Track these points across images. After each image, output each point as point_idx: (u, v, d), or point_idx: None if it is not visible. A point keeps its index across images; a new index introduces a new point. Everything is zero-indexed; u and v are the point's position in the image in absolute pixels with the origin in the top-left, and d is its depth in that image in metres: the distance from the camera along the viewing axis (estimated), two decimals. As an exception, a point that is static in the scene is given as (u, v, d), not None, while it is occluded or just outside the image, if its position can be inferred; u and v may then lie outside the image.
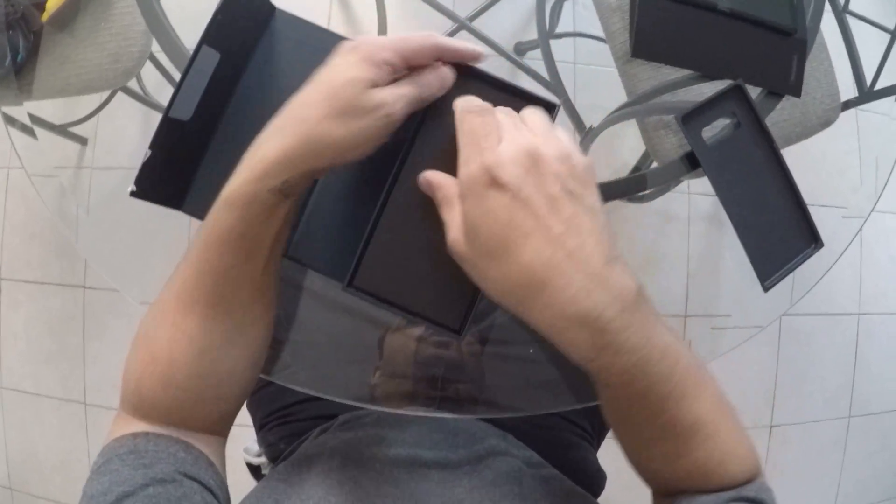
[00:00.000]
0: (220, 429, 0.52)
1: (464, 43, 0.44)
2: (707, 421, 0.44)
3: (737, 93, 0.63)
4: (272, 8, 0.55)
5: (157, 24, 0.82)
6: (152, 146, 0.50)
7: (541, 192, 0.38)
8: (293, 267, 0.55)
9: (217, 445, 0.52)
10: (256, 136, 0.44)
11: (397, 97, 0.42)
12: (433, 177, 0.43)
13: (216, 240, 0.44)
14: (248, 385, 0.53)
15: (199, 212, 0.54)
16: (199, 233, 0.45)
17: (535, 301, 0.38)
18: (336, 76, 0.42)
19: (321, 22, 0.55)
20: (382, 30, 1.13)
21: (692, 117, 0.62)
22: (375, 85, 0.41)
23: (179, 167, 0.53)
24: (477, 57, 0.45)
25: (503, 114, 0.42)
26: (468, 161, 0.39)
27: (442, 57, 0.44)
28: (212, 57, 0.51)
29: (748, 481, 0.47)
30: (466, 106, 0.42)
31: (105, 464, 0.44)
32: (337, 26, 1.26)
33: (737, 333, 0.77)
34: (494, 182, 0.38)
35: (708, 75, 0.66)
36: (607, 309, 0.37)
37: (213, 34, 0.51)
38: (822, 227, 0.77)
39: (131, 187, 0.50)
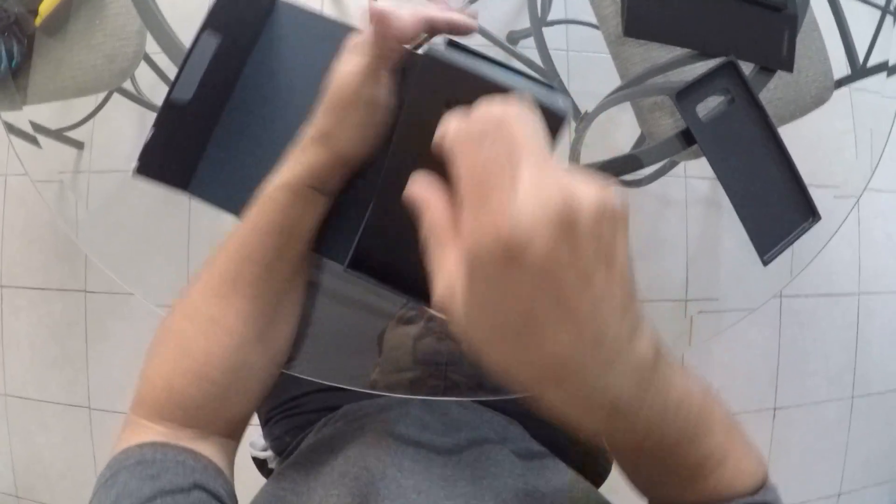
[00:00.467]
0: (238, 430, 0.53)
1: (456, 14, 0.44)
2: (715, 452, 0.42)
3: (729, 69, 0.63)
4: None
5: (154, 23, 0.83)
6: (155, 125, 0.50)
7: (573, 267, 0.28)
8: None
9: (229, 451, 0.52)
10: (264, 122, 0.49)
11: (363, 78, 0.44)
12: (422, 198, 0.34)
13: (259, 232, 0.47)
14: (271, 382, 0.54)
15: (204, 193, 0.55)
16: (236, 228, 0.48)
17: (548, 390, 0.32)
18: (336, 77, 0.44)
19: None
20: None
21: (686, 94, 0.63)
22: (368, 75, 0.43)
23: (183, 148, 0.54)
24: (471, 28, 0.45)
25: (511, 126, 0.29)
26: (477, 222, 0.28)
27: (433, 30, 0.44)
28: (212, 41, 0.52)
29: (756, 490, 0.46)
30: (456, 133, 0.30)
31: (112, 476, 0.44)
32: (328, 11, 1.26)
33: (734, 315, 0.78)
34: (514, 261, 0.27)
35: (700, 52, 0.67)
36: (624, 392, 0.32)
37: (215, 19, 0.51)
38: (819, 207, 0.77)
39: (134, 164, 0.51)
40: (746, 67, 0.67)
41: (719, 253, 1.13)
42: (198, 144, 0.55)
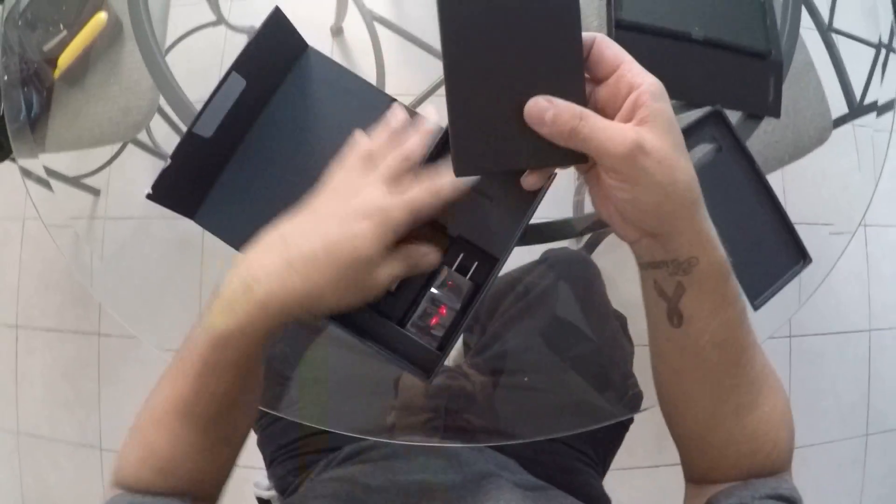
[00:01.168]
0: (213, 494, 0.54)
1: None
2: (770, 372, 0.48)
3: (716, 118, 0.65)
4: (305, 45, 0.58)
5: (164, 81, 0.86)
6: (173, 156, 0.52)
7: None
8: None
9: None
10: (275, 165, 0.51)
11: (390, 279, 0.46)
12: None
13: (216, 367, 0.45)
14: (237, 457, 0.55)
15: (210, 224, 0.57)
16: (191, 351, 0.45)
17: (697, 202, 0.42)
18: (348, 248, 0.44)
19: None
20: (380, 75, 1.16)
21: (674, 144, 0.64)
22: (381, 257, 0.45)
23: (196, 179, 0.56)
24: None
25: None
26: (645, 73, 0.41)
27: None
28: (239, 83, 0.54)
29: (785, 467, 0.49)
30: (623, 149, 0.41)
31: None
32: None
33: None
34: (666, 95, 0.42)
35: (688, 103, 0.68)
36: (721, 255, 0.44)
37: (244, 63, 0.53)
38: (823, 245, 0.77)
39: (147, 191, 0.52)
40: (734, 115, 0.68)
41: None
42: (210, 177, 0.57)
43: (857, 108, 1.01)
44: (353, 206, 0.45)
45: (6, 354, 1.74)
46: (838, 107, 1.00)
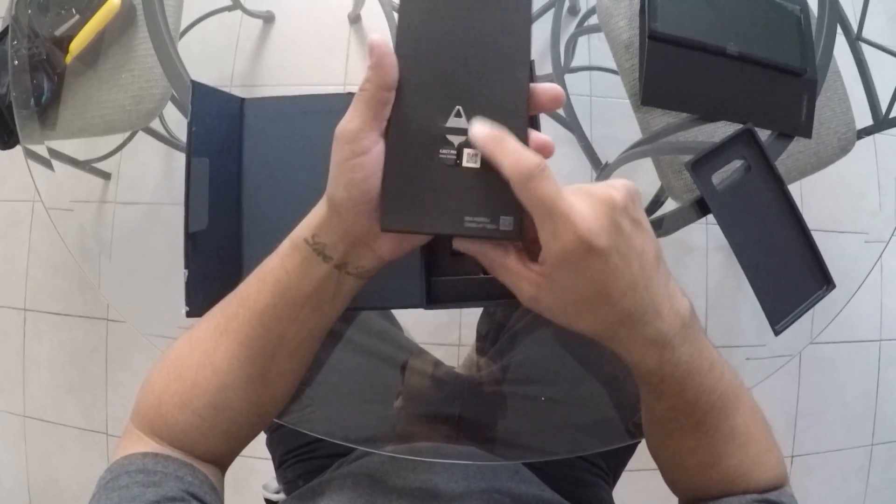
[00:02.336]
0: (223, 462, 0.53)
1: None
2: (742, 431, 0.48)
3: (747, 136, 0.63)
4: (240, 100, 0.58)
5: (174, 71, 0.84)
6: (187, 266, 0.51)
7: (628, 242, 0.39)
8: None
9: (218, 475, 0.53)
10: (281, 215, 0.47)
11: (365, 130, 0.41)
12: (509, 264, 0.42)
13: (259, 277, 0.47)
14: (259, 430, 0.54)
15: None
16: (262, 271, 0.47)
17: (621, 333, 0.41)
18: (335, 139, 0.42)
19: (339, 61, 0.57)
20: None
21: (702, 163, 0.62)
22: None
23: (223, 275, 0.55)
24: None
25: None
26: (557, 236, 0.37)
27: None
28: (203, 165, 0.53)
29: (774, 489, 0.50)
30: (526, 172, 0.37)
31: (113, 479, 0.45)
32: (355, 62, 1.28)
33: (761, 364, 0.77)
34: (591, 250, 0.37)
35: (718, 119, 0.67)
36: (671, 328, 0.41)
37: (196, 144, 0.53)
38: (842, 255, 0.77)
39: (184, 308, 0.52)
40: (764, 133, 0.67)
41: (739, 300, 1.12)
42: (235, 264, 0.56)
43: (883, 121, 0.99)
44: None
45: (14, 338, 1.73)
46: (861, 117, 0.98)
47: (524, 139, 0.39)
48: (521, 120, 0.39)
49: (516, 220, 0.40)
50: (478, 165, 0.39)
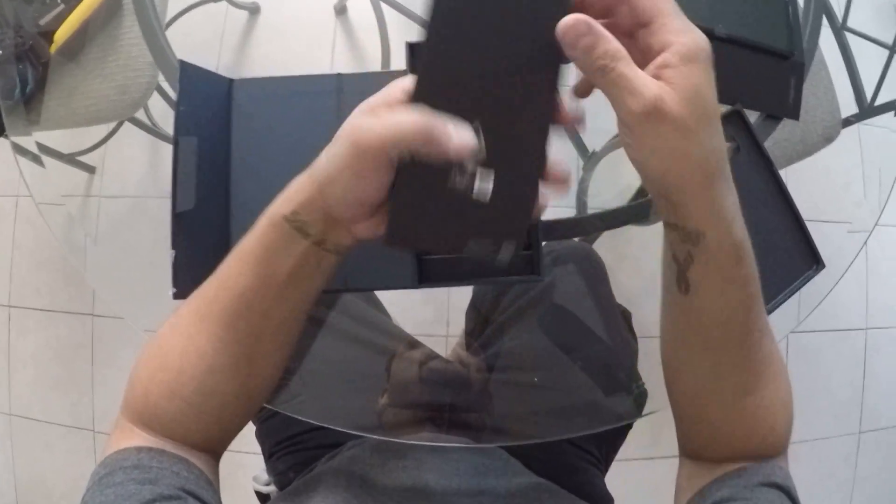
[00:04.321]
0: (217, 449, 0.53)
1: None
2: (777, 359, 0.47)
3: (736, 118, 0.64)
4: (228, 81, 0.57)
5: (163, 58, 0.83)
6: (174, 246, 0.51)
7: None
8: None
9: (212, 464, 0.52)
10: (270, 196, 0.45)
11: (403, 142, 0.38)
12: (593, 28, 0.36)
13: (238, 257, 0.46)
14: (250, 413, 0.53)
15: None
16: (241, 250, 0.46)
17: (722, 166, 0.40)
18: (369, 123, 0.39)
19: (325, 52, 0.57)
20: (385, 55, 1.15)
21: (691, 145, 0.62)
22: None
23: (211, 255, 0.54)
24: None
25: None
26: (688, 30, 0.37)
27: None
28: (191, 144, 0.53)
29: (780, 451, 0.49)
30: None
31: (108, 475, 0.44)
32: (341, 54, 1.28)
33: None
34: (710, 57, 0.37)
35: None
36: (728, 171, 0.41)
37: (183, 123, 0.52)
38: (826, 243, 0.77)
39: (172, 290, 0.51)
40: (752, 115, 0.67)
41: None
42: (223, 246, 0.55)
43: (868, 109, 1.00)
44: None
45: (-2, 334, 1.72)
46: (846, 106, 0.99)
47: (543, 164, 0.38)
48: (542, 147, 0.38)
49: (519, 245, 0.39)
50: (487, 200, 0.38)
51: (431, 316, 1.22)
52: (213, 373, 0.47)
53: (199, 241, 0.54)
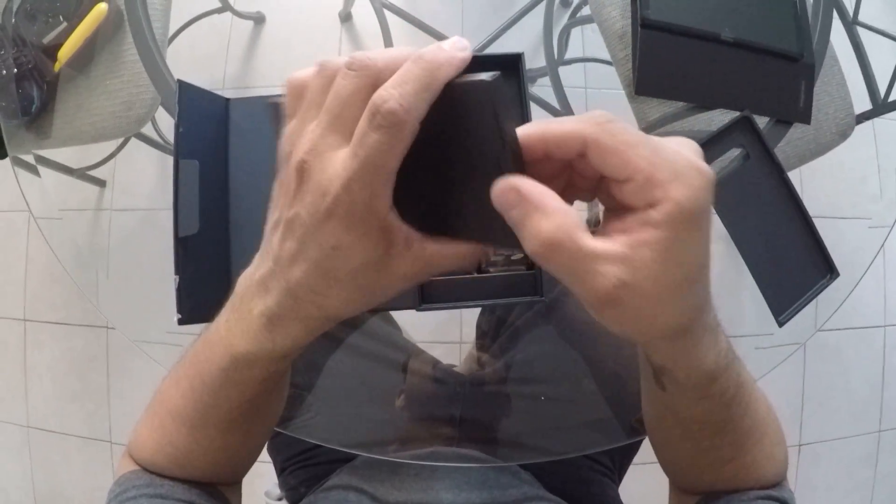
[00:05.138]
0: (235, 481, 0.53)
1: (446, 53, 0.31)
2: (760, 425, 0.45)
3: (745, 124, 0.62)
4: (225, 100, 0.57)
5: (159, 77, 0.83)
6: (177, 272, 0.50)
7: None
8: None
9: (231, 488, 0.52)
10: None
11: (409, 279, 0.35)
12: (585, 243, 0.28)
13: (235, 384, 0.40)
14: (260, 450, 0.52)
15: None
16: (210, 360, 0.40)
17: (695, 324, 0.34)
18: (339, 262, 0.34)
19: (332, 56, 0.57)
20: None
21: (699, 153, 0.61)
22: None
23: (214, 279, 0.54)
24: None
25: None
26: (691, 169, 0.29)
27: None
28: (193, 167, 0.52)
29: (775, 484, 0.49)
30: (600, 119, 0.29)
31: (122, 493, 0.45)
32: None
33: (766, 354, 0.76)
34: (709, 205, 0.29)
35: (714, 107, 0.66)
36: (711, 316, 0.35)
37: (183, 145, 0.52)
38: (844, 240, 0.75)
39: (176, 316, 0.50)
40: (762, 120, 0.66)
41: (741, 290, 1.11)
42: (225, 269, 0.55)
43: (882, 105, 0.98)
44: (307, 201, 0.31)
45: (14, 349, 1.73)
46: (859, 102, 0.97)
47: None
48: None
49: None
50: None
51: (445, 319, 1.22)
52: (224, 450, 0.46)
53: (202, 265, 0.53)
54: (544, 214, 0.28)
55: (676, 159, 0.29)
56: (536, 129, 0.30)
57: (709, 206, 0.29)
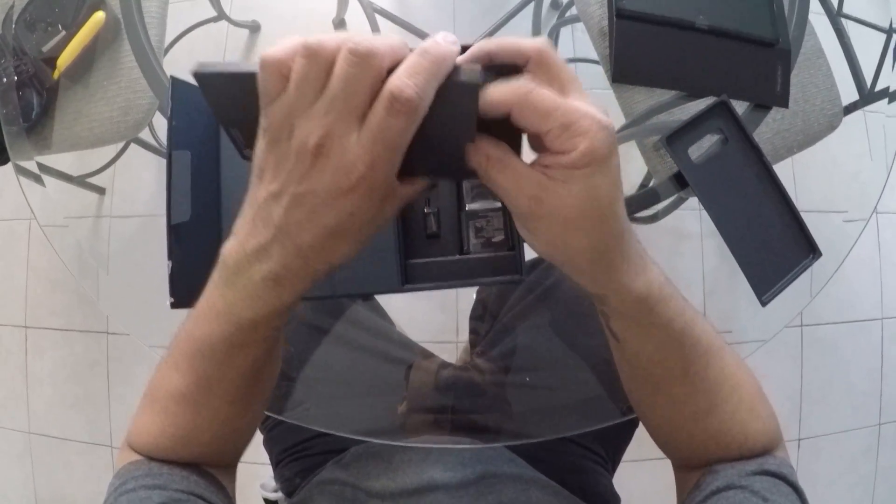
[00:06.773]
0: (233, 462, 0.54)
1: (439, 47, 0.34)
2: (731, 374, 0.47)
3: (722, 109, 0.63)
4: None
5: (157, 82, 0.85)
6: (170, 257, 0.52)
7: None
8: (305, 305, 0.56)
9: (227, 473, 0.53)
10: None
11: (397, 208, 0.40)
12: (511, 162, 0.36)
13: (240, 349, 0.43)
14: (258, 422, 0.54)
15: None
16: (210, 335, 0.42)
17: (613, 254, 0.38)
18: (354, 225, 0.39)
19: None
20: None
21: (678, 137, 0.62)
22: None
23: (206, 265, 0.55)
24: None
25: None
26: (584, 132, 0.34)
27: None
28: (185, 157, 0.54)
29: (768, 450, 0.49)
30: (522, 89, 0.34)
31: (122, 485, 0.46)
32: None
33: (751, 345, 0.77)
34: (614, 149, 0.35)
35: (693, 94, 0.67)
36: (633, 247, 0.40)
37: (176, 137, 0.54)
38: (838, 232, 0.76)
39: (169, 300, 0.52)
40: (741, 105, 0.67)
41: (736, 284, 1.12)
42: (215, 254, 0.56)
43: (868, 95, 0.99)
44: (326, 180, 0.35)
45: (15, 355, 1.74)
46: (848, 93, 0.98)
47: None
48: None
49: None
50: None
51: (442, 319, 1.23)
52: (228, 421, 0.48)
53: (194, 251, 0.54)
54: (493, 146, 0.36)
55: (585, 114, 0.34)
56: (485, 48, 0.35)
57: (612, 150, 0.35)
